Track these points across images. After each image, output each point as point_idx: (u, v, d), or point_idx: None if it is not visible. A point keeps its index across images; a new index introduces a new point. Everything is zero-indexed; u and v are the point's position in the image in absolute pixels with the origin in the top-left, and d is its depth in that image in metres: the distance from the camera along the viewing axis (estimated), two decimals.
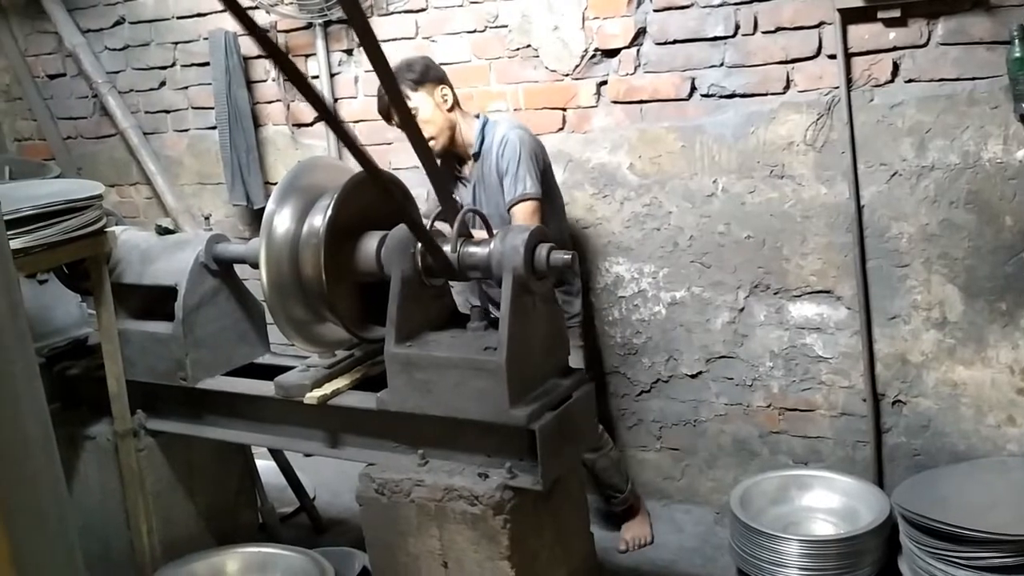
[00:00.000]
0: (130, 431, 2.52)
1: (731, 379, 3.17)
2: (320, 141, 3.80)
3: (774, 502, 2.91)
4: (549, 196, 2.89)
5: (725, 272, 3.10)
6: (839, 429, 3.04)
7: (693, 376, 3.23)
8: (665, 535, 3.18)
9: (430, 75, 2.87)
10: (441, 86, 2.88)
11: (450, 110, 2.89)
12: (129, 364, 2.50)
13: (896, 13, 2.65)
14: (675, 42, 3.00)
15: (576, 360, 2.66)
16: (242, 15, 1.42)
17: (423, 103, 2.84)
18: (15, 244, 2.08)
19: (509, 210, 2.77)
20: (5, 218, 1.71)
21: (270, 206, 2.23)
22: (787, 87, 2.88)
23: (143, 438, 2.55)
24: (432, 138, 2.84)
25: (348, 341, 2.38)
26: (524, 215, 2.75)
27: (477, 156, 2.92)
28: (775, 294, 3.04)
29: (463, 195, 2.97)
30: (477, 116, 2.96)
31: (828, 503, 2.89)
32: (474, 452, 2.10)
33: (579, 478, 2.39)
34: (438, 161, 2.91)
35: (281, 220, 2.22)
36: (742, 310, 3.10)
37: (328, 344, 2.38)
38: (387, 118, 2.86)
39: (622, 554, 3.07)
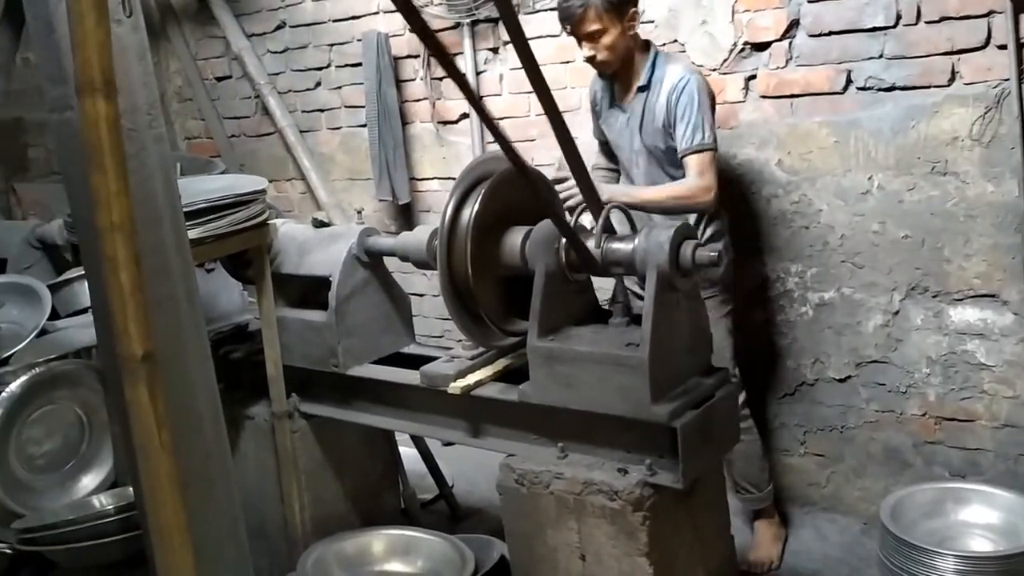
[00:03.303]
0: (286, 413, 2.66)
1: (883, 385, 3.04)
2: (465, 139, 3.88)
3: (928, 515, 2.75)
4: None
5: (879, 273, 2.97)
6: (1001, 441, 2.86)
7: (841, 380, 3.11)
8: (808, 542, 3.09)
9: None
10: (632, 10, 2.69)
11: (632, 36, 2.74)
12: (286, 350, 2.64)
13: None
14: (830, 34, 2.89)
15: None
16: (412, 13, 1.49)
17: (612, 27, 2.66)
18: (190, 235, 2.19)
19: (683, 158, 2.68)
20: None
21: (448, 199, 2.24)
22: (952, 79, 2.73)
23: (297, 420, 2.68)
24: (605, 62, 2.73)
25: (515, 340, 2.36)
26: (701, 165, 2.65)
27: (642, 88, 2.78)
28: (934, 297, 2.89)
29: (618, 119, 2.87)
30: (647, 45, 2.81)
31: (986, 518, 2.71)
32: (613, 447, 2.10)
33: (720, 479, 2.35)
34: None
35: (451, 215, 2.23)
36: (896, 313, 2.96)
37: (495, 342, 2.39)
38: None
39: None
